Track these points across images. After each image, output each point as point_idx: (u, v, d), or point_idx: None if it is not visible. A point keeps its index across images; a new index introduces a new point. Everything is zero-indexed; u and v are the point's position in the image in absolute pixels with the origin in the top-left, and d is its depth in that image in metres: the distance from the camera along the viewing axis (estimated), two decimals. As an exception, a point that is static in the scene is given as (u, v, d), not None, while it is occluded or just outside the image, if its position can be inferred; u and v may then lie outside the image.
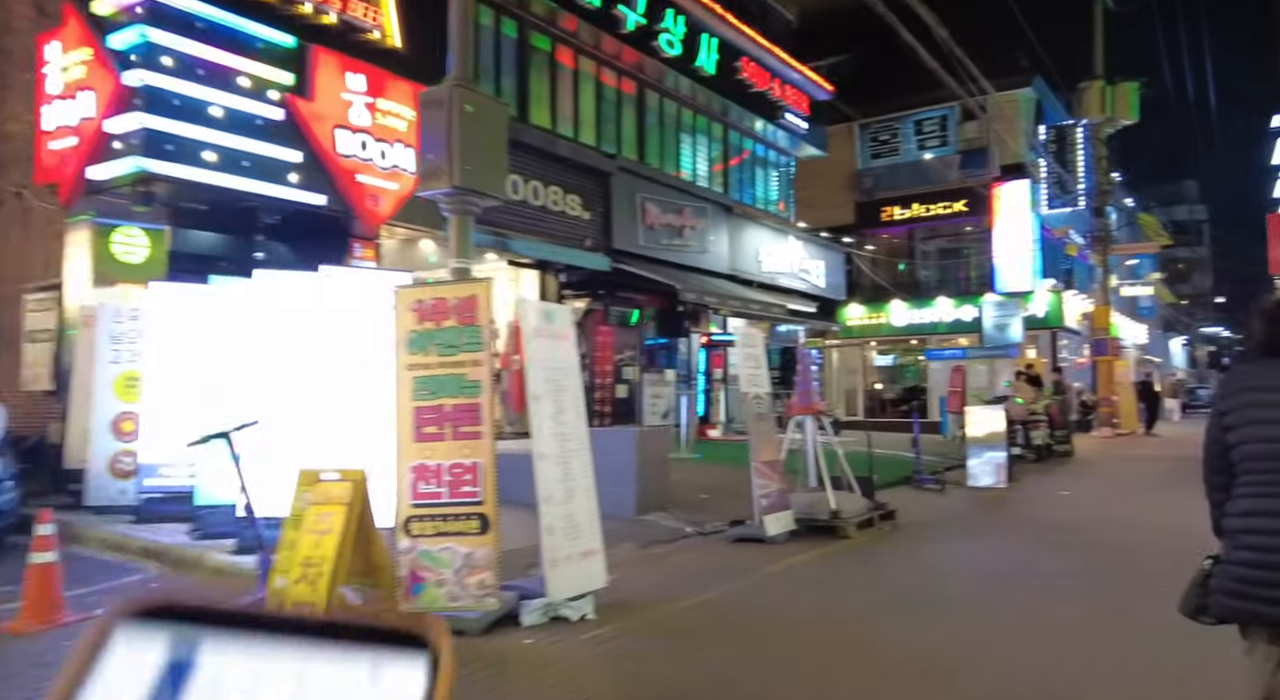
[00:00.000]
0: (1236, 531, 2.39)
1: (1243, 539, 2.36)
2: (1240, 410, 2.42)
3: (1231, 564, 2.37)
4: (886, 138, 27.42)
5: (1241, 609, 2.34)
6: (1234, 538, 2.39)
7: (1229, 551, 2.40)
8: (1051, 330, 24.34)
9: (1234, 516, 2.41)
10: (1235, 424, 2.42)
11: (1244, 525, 2.37)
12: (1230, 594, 2.35)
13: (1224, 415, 2.46)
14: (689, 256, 16.01)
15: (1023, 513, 9.16)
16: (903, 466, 12.48)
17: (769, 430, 7.95)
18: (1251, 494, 2.37)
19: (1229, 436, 2.43)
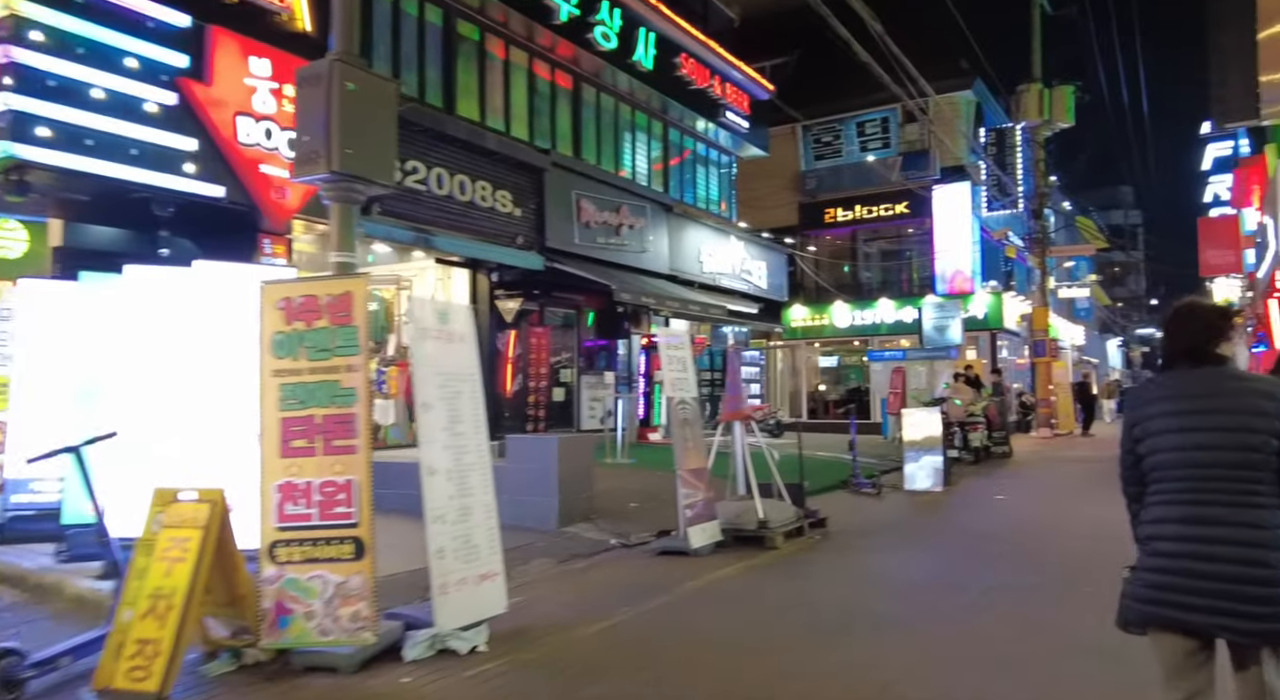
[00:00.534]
0: (1147, 539, 2.46)
1: (1153, 545, 2.42)
2: (1147, 421, 2.49)
3: (1144, 571, 2.43)
4: (829, 139, 27.42)
5: (1155, 615, 2.38)
6: (1145, 544, 2.46)
7: (1142, 558, 2.46)
8: (991, 331, 24.53)
9: (1145, 524, 2.48)
10: (1143, 435, 2.49)
11: (1153, 532, 2.44)
12: (1143, 600, 2.40)
13: (1134, 427, 2.53)
14: (627, 256, 15.59)
15: (958, 519, 8.93)
16: (840, 470, 12.26)
17: (696, 437, 7.56)
18: (1160, 501, 2.44)
19: (1139, 447, 2.50)
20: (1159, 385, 2.56)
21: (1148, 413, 2.51)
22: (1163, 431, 2.46)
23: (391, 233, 10.93)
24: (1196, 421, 2.41)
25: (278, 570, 4.29)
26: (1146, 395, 2.58)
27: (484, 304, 13.59)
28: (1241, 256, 20.26)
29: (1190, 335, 2.50)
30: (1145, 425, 2.50)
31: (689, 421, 7.50)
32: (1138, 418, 2.54)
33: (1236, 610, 2.25)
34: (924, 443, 11.70)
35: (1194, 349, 2.49)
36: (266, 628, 4.29)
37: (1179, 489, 2.40)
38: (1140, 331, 65.06)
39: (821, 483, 11.86)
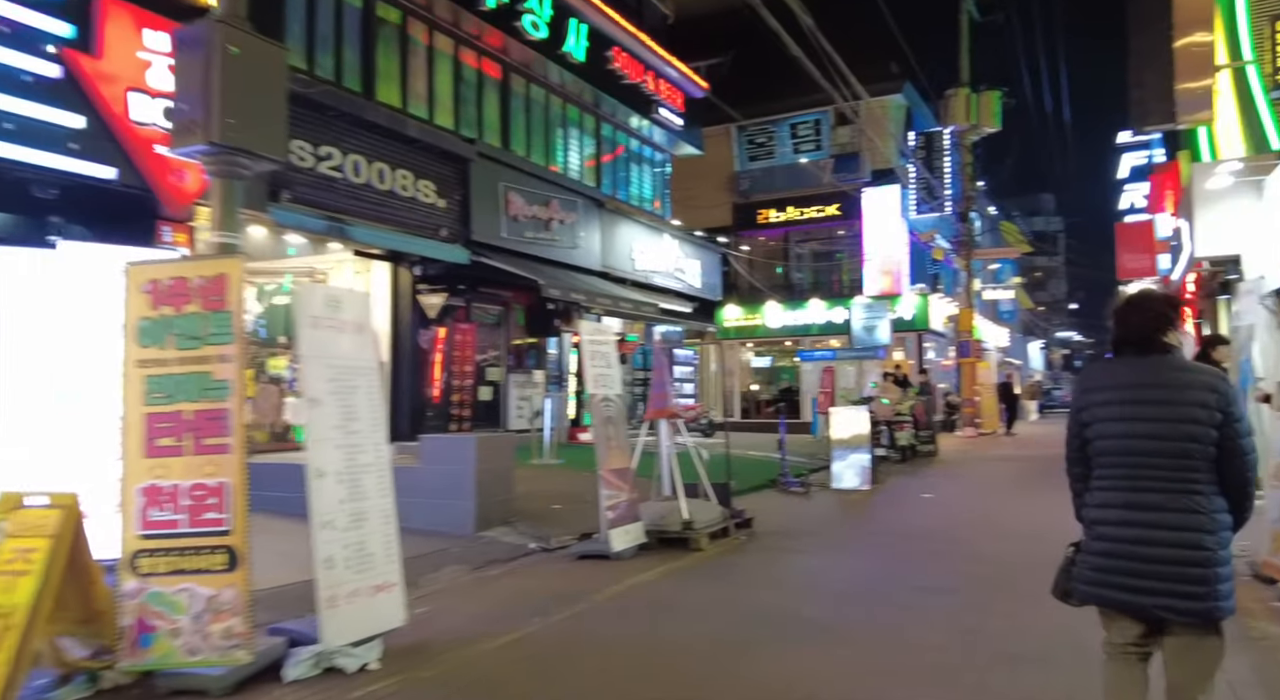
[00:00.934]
0: (1093, 522, 2.54)
1: (1098, 529, 2.52)
2: (1094, 408, 2.55)
3: (1089, 554, 2.53)
4: (763, 141, 27.51)
5: (1101, 596, 2.51)
6: (1091, 528, 2.55)
7: (1087, 541, 2.55)
8: (918, 332, 24.91)
9: (1091, 508, 2.56)
10: (1090, 420, 2.56)
11: (1098, 516, 2.53)
12: (1089, 582, 2.52)
13: (1080, 411, 2.60)
14: (557, 251, 15.23)
15: (885, 517, 8.85)
16: (770, 469, 12.12)
17: (619, 436, 7.26)
18: (1104, 486, 2.52)
19: (1086, 432, 2.57)
20: (1107, 372, 2.63)
21: (1094, 399, 2.57)
22: (1108, 418, 2.51)
23: (303, 221, 10.36)
24: (1140, 411, 2.46)
25: (140, 583, 3.84)
26: (1094, 382, 2.65)
27: (406, 299, 13.08)
28: (1156, 261, 20.95)
29: (1139, 324, 2.53)
30: (1092, 411, 2.56)
31: (613, 420, 7.20)
32: (1085, 403, 2.60)
33: (1175, 591, 2.35)
34: (851, 442, 11.64)
35: (1142, 338, 2.53)
36: (127, 647, 3.83)
37: (1122, 475, 2.47)
38: (1061, 334, 67.41)
39: (751, 482, 11.72)
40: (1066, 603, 2.68)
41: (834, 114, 26.42)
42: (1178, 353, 2.54)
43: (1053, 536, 7.91)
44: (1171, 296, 2.73)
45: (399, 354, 13.07)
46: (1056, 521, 8.87)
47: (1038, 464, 14.94)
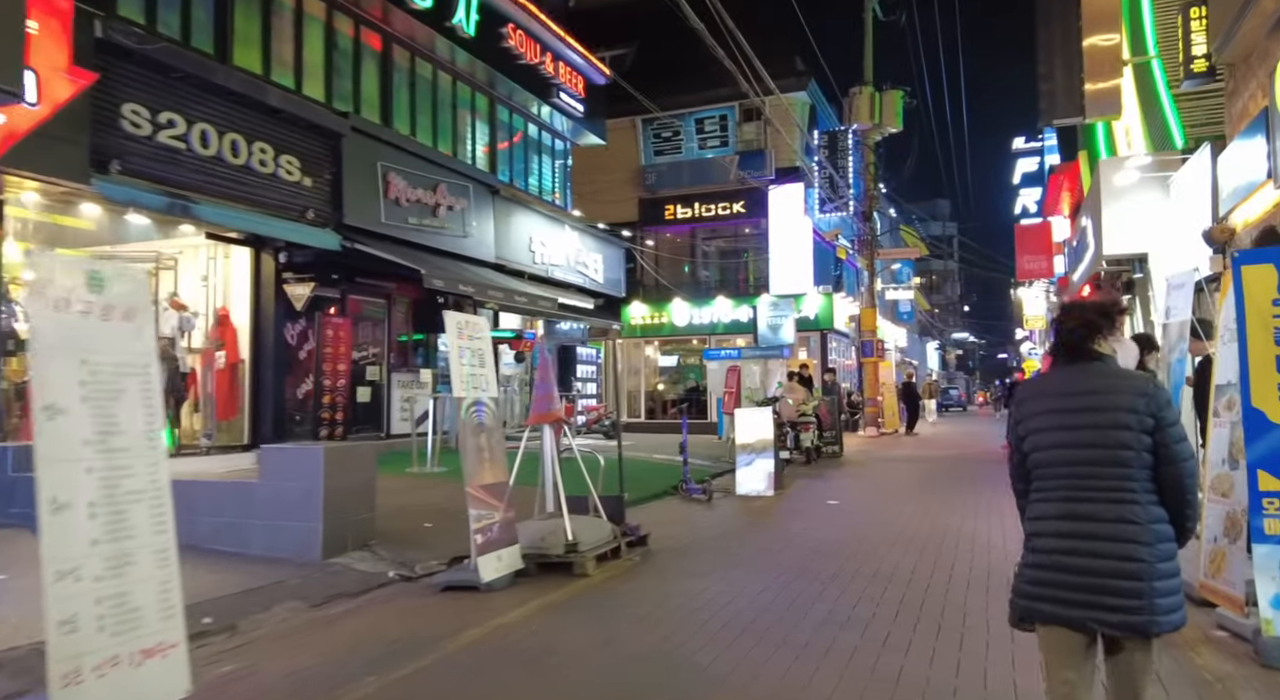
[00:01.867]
0: (1031, 535, 2.48)
1: (1034, 542, 2.45)
2: (1030, 418, 2.51)
3: (1027, 567, 2.45)
4: (669, 135, 26.92)
5: (1036, 610, 2.41)
6: (1029, 541, 2.48)
7: (1025, 554, 2.48)
8: (822, 332, 24.78)
9: (1031, 520, 2.50)
10: (1026, 433, 2.51)
11: (1035, 529, 2.46)
12: (1025, 596, 2.43)
13: (1018, 424, 2.55)
14: (446, 240, 14.08)
15: (790, 528, 8.18)
16: (673, 473, 11.37)
17: (494, 446, 6.31)
18: (1041, 499, 2.47)
19: (1024, 445, 2.52)
20: (1041, 383, 2.60)
21: (1030, 409, 2.53)
22: (1041, 429, 2.48)
23: (137, 197, 8.97)
24: (1072, 419, 2.42)
25: None
26: (1029, 392, 2.60)
27: (270, 289, 11.74)
28: (1053, 262, 21.35)
29: (1068, 332, 2.50)
30: (1027, 423, 2.52)
31: (486, 428, 6.24)
32: (1021, 415, 2.56)
33: (1106, 603, 2.27)
34: (756, 445, 11.01)
35: (1071, 345, 2.49)
36: None
37: (1057, 486, 2.42)
38: (956, 335, 69.71)
39: (651, 489, 10.95)
40: (1021, 629, 2.54)
41: (739, 110, 26.08)
42: (1110, 360, 2.47)
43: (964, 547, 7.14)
44: (1104, 304, 2.56)
45: (260, 351, 11.72)
46: (966, 529, 8.42)
47: (941, 465, 14.72)
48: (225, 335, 12.00)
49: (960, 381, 62.62)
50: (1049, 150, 35.50)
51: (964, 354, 77.56)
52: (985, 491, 10.83)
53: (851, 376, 27.34)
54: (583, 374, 20.82)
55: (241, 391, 12.00)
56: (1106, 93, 9.77)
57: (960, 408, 49.29)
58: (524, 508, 7.06)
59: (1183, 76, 7.73)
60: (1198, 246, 8.54)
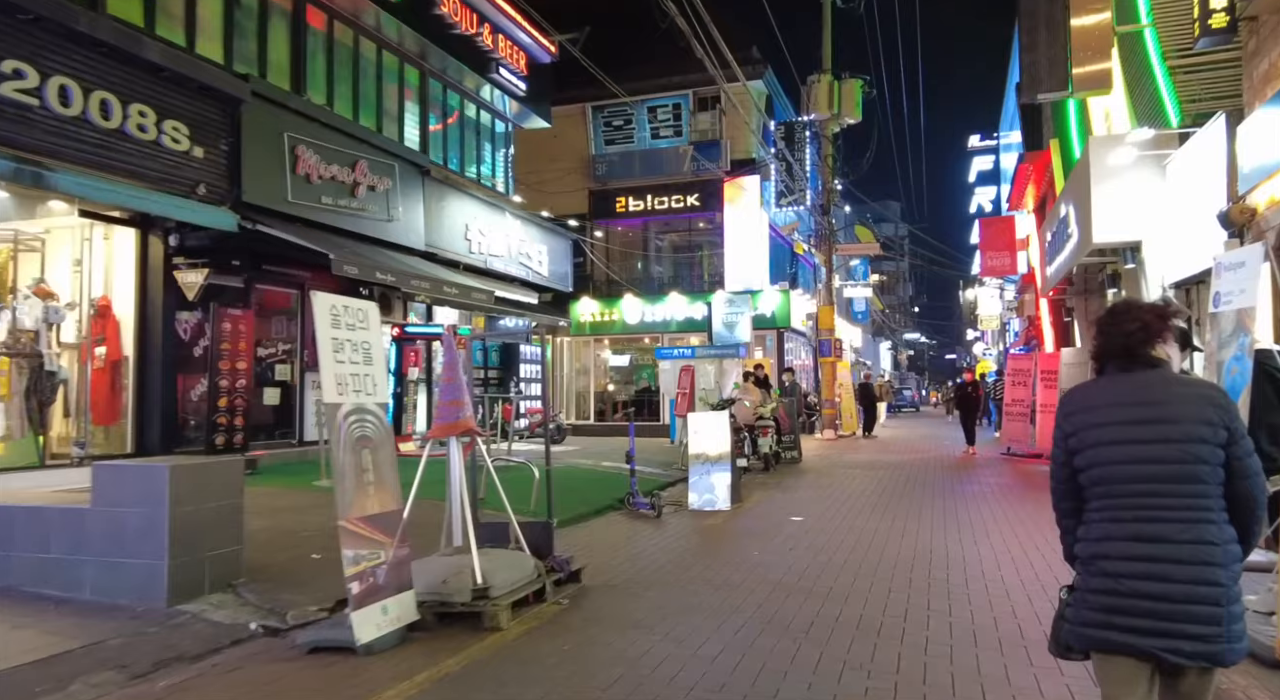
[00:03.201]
0: (1092, 558, 2.25)
1: (1098, 565, 2.23)
2: (1086, 431, 2.29)
3: (1089, 592, 2.24)
4: (620, 123, 25.73)
5: (1105, 640, 2.20)
6: (1090, 564, 2.25)
7: (1085, 579, 2.26)
8: (779, 330, 23.78)
9: (1089, 542, 2.27)
10: (1079, 447, 2.29)
11: (1099, 551, 2.24)
12: (1091, 624, 2.22)
13: (1068, 438, 2.33)
14: (367, 223, 12.65)
15: (751, 555, 7.00)
16: (619, 484, 10.14)
17: (382, 466, 5.00)
18: (1103, 518, 2.25)
19: (1076, 460, 2.30)
20: (1094, 392, 2.35)
21: (1085, 422, 2.30)
22: (1103, 442, 2.25)
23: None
24: (1139, 432, 2.20)
25: None
26: (1081, 403, 2.35)
27: (158, 276, 10.23)
28: (1016, 259, 20.63)
29: (1126, 335, 2.29)
30: (1083, 435, 2.29)
31: (371, 442, 4.93)
32: (1075, 426, 2.32)
33: (1185, 631, 2.10)
34: (711, 456, 9.86)
35: (1129, 350, 2.29)
36: None
37: (1125, 505, 2.20)
38: (907, 336, 69.78)
39: (594, 503, 9.72)
40: (1067, 659, 2.37)
41: (694, 98, 24.98)
42: (1168, 365, 2.28)
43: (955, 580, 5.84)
44: (1158, 306, 2.33)
45: (147, 346, 10.23)
46: (953, 553, 7.22)
47: (906, 472, 13.75)
48: (106, 329, 10.45)
49: (911, 382, 62.54)
50: (1005, 148, 35.18)
51: (915, 354, 77.85)
52: (961, 504, 9.82)
53: (808, 376, 26.43)
54: (527, 374, 19.45)
55: (124, 393, 10.46)
56: (1097, 65, 8.80)
57: (913, 408, 48.93)
58: (429, 538, 5.78)
59: (1197, 33, 6.78)
60: (1206, 231, 7.60)
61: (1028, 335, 20.62)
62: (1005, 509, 9.50)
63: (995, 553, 6.96)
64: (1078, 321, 13.84)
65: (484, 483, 9.56)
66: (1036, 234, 18.02)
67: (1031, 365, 16.47)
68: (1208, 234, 7.57)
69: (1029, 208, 18.70)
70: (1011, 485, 12.11)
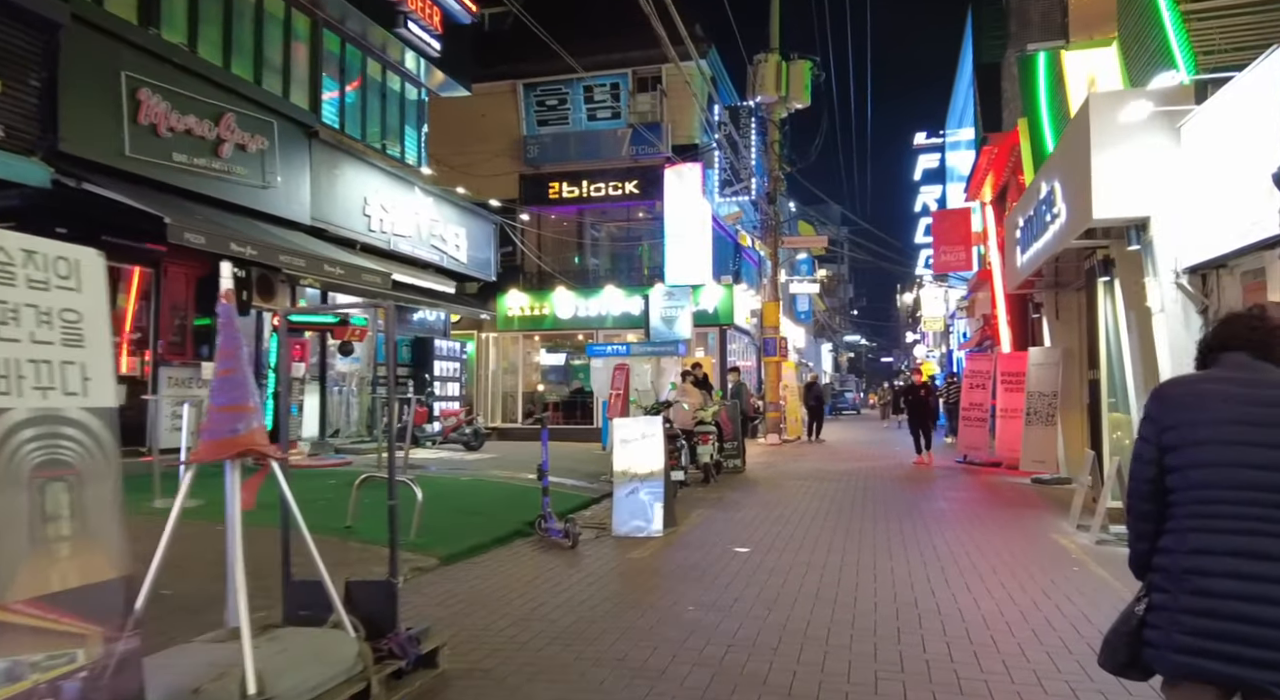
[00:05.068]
0: (1185, 573, 1.98)
1: (1194, 582, 1.96)
2: (1187, 427, 2.03)
3: (1181, 613, 1.97)
4: (554, 103, 23.91)
5: (1201, 668, 1.93)
6: (1182, 580, 1.98)
7: (1174, 596, 1.99)
8: (721, 327, 22.26)
9: (1178, 554, 2.01)
10: (1176, 444, 2.04)
11: (1193, 566, 1.98)
12: (1184, 650, 1.95)
13: (1163, 433, 2.07)
14: (236, 189, 10.63)
15: (685, 611, 5.32)
16: (535, 502, 8.33)
17: (91, 509, 3.12)
18: (1199, 528, 1.99)
19: (1170, 458, 2.05)
20: (1207, 384, 2.06)
21: (1193, 417, 2.03)
22: (1207, 442, 1.99)
23: None
24: (1258, 434, 1.94)
25: None
26: (1190, 394, 2.07)
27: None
28: (972, 253, 19.48)
29: (1259, 331, 2.06)
30: (1182, 432, 2.02)
31: (72, 473, 3.06)
32: (1176, 421, 2.05)
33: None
34: (640, 472, 8.18)
35: (1263, 344, 2.05)
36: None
37: (1230, 514, 1.93)
38: (848, 338, 69.42)
39: (497, 528, 7.97)
40: (1126, 676, 2.15)
41: (633, 78, 23.32)
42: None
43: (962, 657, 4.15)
44: None
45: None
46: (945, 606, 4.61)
47: (857, 483, 12.28)
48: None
49: (851, 384, 62.00)
50: (952, 146, 34.43)
51: (855, 357, 77.70)
52: (931, 529, 8.31)
53: (751, 377, 25.00)
54: (443, 372, 17.50)
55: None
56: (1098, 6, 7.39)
57: (854, 411, 48.07)
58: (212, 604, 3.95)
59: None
60: (1237, 203, 6.21)
61: (982, 335, 19.48)
62: (984, 536, 8.02)
63: (997, 603, 5.40)
64: (1047, 318, 12.55)
65: (353, 506, 7.76)
66: (995, 227, 16.82)
67: (991, 367, 15.22)
68: (1237, 207, 6.19)
69: (987, 198, 17.50)
70: (980, 501, 10.72)
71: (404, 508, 7.41)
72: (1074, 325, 12.09)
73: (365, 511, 7.96)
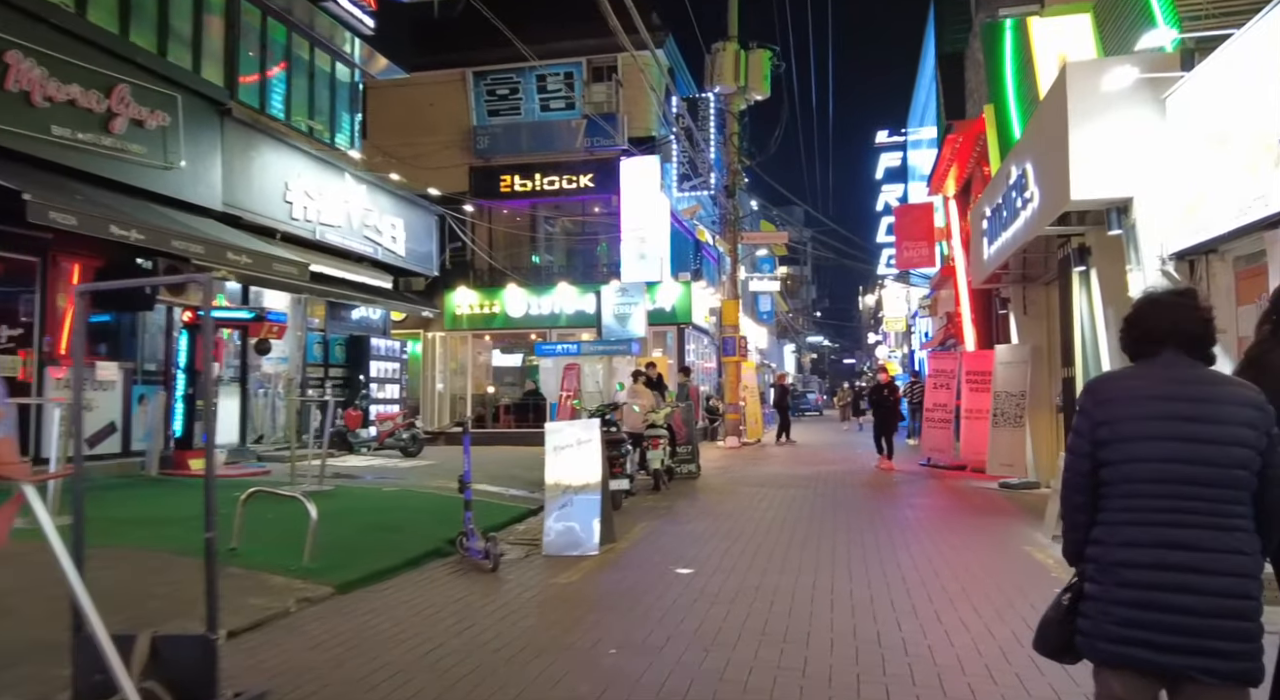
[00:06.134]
0: (1115, 564, 2.07)
1: (1123, 574, 2.05)
2: (1121, 422, 2.11)
3: (1111, 603, 2.06)
4: (505, 92, 22.95)
5: (1128, 656, 2.03)
6: (1112, 571, 2.07)
7: (1105, 587, 2.08)
8: (679, 326, 21.44)
9: (1109, 546, 2.09)
10: (1109, 438, 2.11)
11: (1123, 558, 2.06)
12: (1113, 639, 2.04)
13: (1097, 428, 2.13)
14: (131, 169, 9.58)
15: (603, 662, 4.46)
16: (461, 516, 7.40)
17: None
18: (1128, 520, 2.07)
19: (1103, 452, 2.12)
20: (1137, 380, 2.15)
21: (1124, 412, 2.10)
22: (1136, 437, 2.07)
23: None
24: (1185, 428, 2.03)
25: None
26: (1122, 390, 2.15)
27: None
28: (935, 249, 18.91)
29: (1200, 322, 2.13)
30: (1116, 426, 2.10)
31: None
32: (1109, 416, 2.12)
33: (1215, 649, 1.95)
34: (574, 484, 7.32)
35: (1197, 338, 2.12)
36: None
37: (1156, 506, 2.03)
38: (811, 339, 69.16)
39: (415, 547, 7.10)
40: (1060, 661, 2.26)
41: (588, 67, 22.45)
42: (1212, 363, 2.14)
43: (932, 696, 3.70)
44: None
45: None
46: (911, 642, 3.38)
47: (819, 490, 11.54)
48: None
49: (815, 385, 61.64)
50: (914, 145, 34.07)
51: (818, 358, 77.58)
52: (898, 542, 7.56)
53: (712, 379, 24.26)
54: (380, 373, 16.46)
55: None
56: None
57: (817, 412, 47.61)
58: None
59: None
60: (1231, 182, 5.54)
61: (945, 334, 18.92)
62: (953, 550, 7.28)
63: (973, 638, 4.63)
64: (1015, 314, 11.92)
65: (238, 525, 6.78)
66: (959, 222, 16.24)
67: (955, 365, 14.61)
68: (1234, 183, 5.52)
69: (950, 192, 16.93)
70: (947, 509, 10.03)
71: (297, 527, 6.50)
72: (1043, 321, 11.48)
73: (261, 530, 7.02)
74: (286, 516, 7.10)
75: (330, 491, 9.72)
